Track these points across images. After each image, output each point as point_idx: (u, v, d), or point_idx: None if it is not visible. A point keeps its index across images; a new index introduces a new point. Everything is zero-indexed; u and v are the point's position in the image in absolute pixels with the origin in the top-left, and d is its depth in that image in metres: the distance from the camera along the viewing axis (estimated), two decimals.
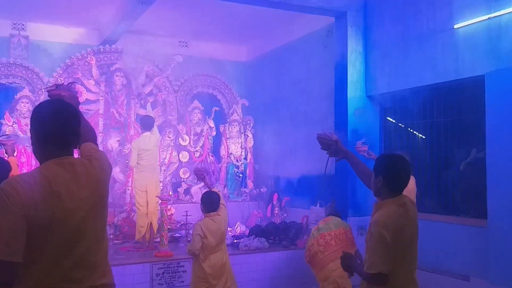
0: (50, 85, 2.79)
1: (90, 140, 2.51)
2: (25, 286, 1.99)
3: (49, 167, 2.10)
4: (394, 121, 7.58)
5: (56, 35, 9.01)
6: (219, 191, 5.30)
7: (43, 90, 8.15)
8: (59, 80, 8.55)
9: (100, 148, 8.50)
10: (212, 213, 4.79)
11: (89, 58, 8.88)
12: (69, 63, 8.82)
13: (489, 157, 5.70)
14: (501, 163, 5.52)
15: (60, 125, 2.15)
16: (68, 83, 2.78)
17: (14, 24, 8.87)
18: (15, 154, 6.15)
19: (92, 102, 8.90)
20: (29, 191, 1.96)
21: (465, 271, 6.07)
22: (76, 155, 2.28)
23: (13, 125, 8.08)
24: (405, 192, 4.82)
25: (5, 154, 5.77)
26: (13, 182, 1.97)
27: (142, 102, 9.28)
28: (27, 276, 1.99)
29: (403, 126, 7.43)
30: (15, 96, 8.34)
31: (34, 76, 8.62)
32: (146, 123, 7.61)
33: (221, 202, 5.02)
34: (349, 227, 5.31)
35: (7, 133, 8.15)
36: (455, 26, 6.14)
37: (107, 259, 2.26)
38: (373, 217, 2.89)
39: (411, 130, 7.29)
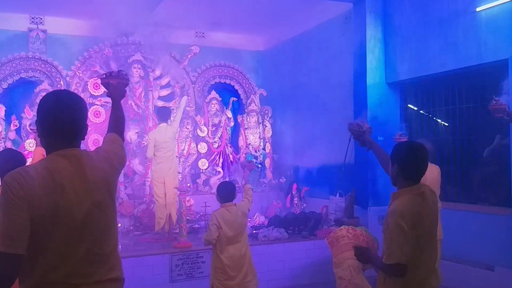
0: (103, 73, 2.80)
1: (116, 130, 2.51)
2: (31, 281, 1.97)
3: (53, 159, 2.07)
4: (415, 108, 7.47)
5: (73, 29, 9.06)
6: (252, 188, 5.25)
7: (95, 78, 8.26)
8: (77, 73, 8.63)
9: None
10: (227, 203, 4.77)
11: (106, 50, 8.92)
12: (87, 56, 8.87)
13: None
14: None
15: (63, 117, 2.10)
16: (119, 71, 2.77)
17: (32, 18, 8.94)
18: None
19: None
20: (32, 184, 1.93)
21: (489, 261, 5.99)
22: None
23: (33, 119, 8.16)
24: (428, 182, 4.75)
25: (34, 142, 5.84)
26: (16, 175, 1.94)
27: (160, 93, 9.30)
28: (34, 271, 1.97)
29: (424, 113, 7.31)
30: (35, 90, 8.43)
31: (53, 70, 8.70)
32: (163, 114, 7.63)
33: (245, 195, 5.03)
34: (377, 241, 5.40)
35: (27, 127, 8.28)
36: (477, 9, 6.01)
37: (116, 253, 2.23)
38: (390, 207, 2.83)
39: (433, 117, 7.17)
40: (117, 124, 2.58)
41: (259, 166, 9.89)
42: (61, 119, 2.10)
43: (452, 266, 6.12)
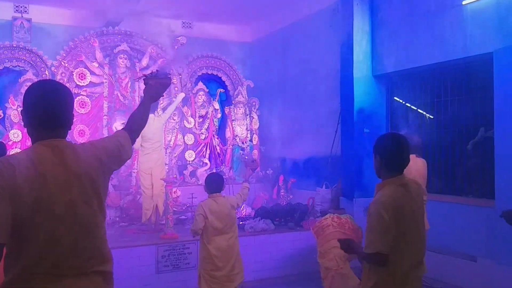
0: (145, 73, 2.75)
1: (130, 129, 2.47)
2: (16, 271, 1.95)
3: (36, 149, 2.05)
4: (401, 101, 7.52)
5: (59, 18, 8.96)
6: (248, 186, 5.25)
7: (135, 79, 8.18)
8: (62, 62, 8.54)
9: (105, 130, 8.60)
10: (215, 194, 4.78)
11: (92, 40, 8.84)
12: (72, 46, 8.78)
13: (497, 136, 5.67)
14: (509, 142, 5.48)
15: (48, 107, 2.09)
16: (161, 72, 2.73)
17: (17, 6, 8.82)
18: None
19: (96, 85, 8.88)
20: (13, 173, 1.91)
21: (472, 252, 6.08)
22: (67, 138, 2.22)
23: (18, 109, 8.08)
24: (413, 174, 4.80)
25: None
26: (5, 162, 1.93)
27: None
28: (18, 262, 1.95)
29: (410, 105, 7.37)
30: (19, 80, 8.34)
31: (38, 59, 8.60)
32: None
33: (240, 191, 5.05)
34: (361, 229, 5.46)
35: (12, 117, 8.19)
36: (464, 3, 6.06)
37: (105, 246, 2.20)
38: (374, 198, 2.87)
39: (419, 110, 7.23)
40: (134, 122, 2.51)
41: (246, 157, 9.90)
42: (46, 109, 2.08)
43: (435, 257, 6.20)
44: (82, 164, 2.11)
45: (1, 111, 8.28)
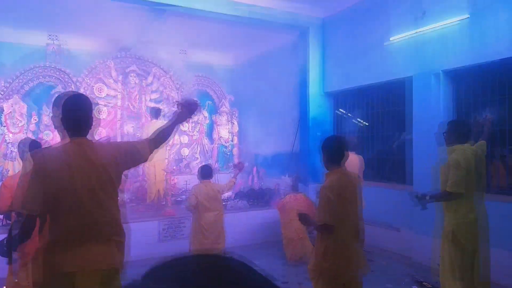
0: (177, 101, 2.57)
1: (153, 141, 2.34)
2: (50, 236, 1.98)
3: (65, 145, 2.06)
4: (344, 111, 7.61)
5: (83, 44, 8.76)
6: (235, 183, 5.26)
7: (175, 102, 7.97)
8: (85, 79, 8.35)
9: (118, 132, 8.45)
10: (205, 180, 4.77)
11: (108, 62, 8.67)
12: (93, 66, 8.59)
13: (415, 138, 5.79)
14: (424, 142, 5.60)
15: (78, 114, 2.10)
16: (190, 103, 2.53)
17: (50, 35, 8.59)
18: None
19: (112, 97, 8.72)
20: (44, 162, 1.94)
21: (397, 224, 6.19)
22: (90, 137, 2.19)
23: (49, 114, 7.86)
24: (353, 169, 4.88)
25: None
26: (41, 153, 1.96)
27: (150, 97, 9.14)
28: (56, 229, 1.98)
29: (350, 115, 7.46)
30: (51, 92, 8.11)
31: (65, 76, 8.38)
32: (155, 113, 7.51)
33: (227, 183, 5.03)
34: (314, 203, 5.46)
35: (44, 121, 7.97)
36: (391, 39, 6.16)
37: (119, 221, 2.19)
38: (323, 184, 2.93)
39: (357, 119, 7.33)
40: (158, 136, 2.39)
41: (228, 153, 9.89)
42: (77, 116, 2.10)
43: (369, 228, 6.28)
44: (99, 158, 2.10)
45: (37, 116, 8.05)
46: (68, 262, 1.96)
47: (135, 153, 2.28)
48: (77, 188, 1.98)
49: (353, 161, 5.29)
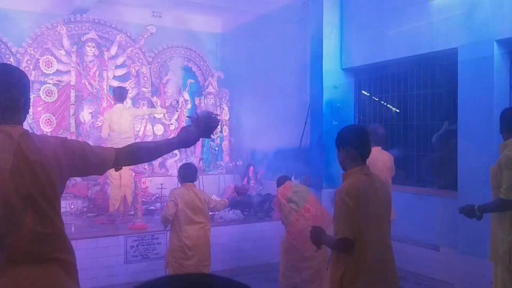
0: (192, 116, 2.46)
1: (123, 150, 2.28)
2: None
3: None
4: (368, 94, 7.61)
5: (25, 4, 8.68)
6: (226, 203, 5.45)
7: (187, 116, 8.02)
8: (28, 50, 8.30)
9: (72, 120, 8.43)
10: (188, 183, 4.77)
11: (59, 28, 8.63)
12: (38, 33, 8.55)
13: (461, 129, 5.79)
14: (471, 135, 5.61)
15: (1, 92, 2.02)
16: (202, 113, 2.44)
17: None
18: None
19: (63, 73, 8.68)
20: None
21: (435, 241, 6.21)
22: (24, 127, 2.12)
23: None
24: (380, 169, 4.88)
25: None
26: None
27: (114, 73, 9.11)
28: None
29: (377, 99, 7.47)
30: None
31: (2, 46, 8.34)
32: (119, 95, 7.48)
33: (217, 201, 5.17)
34: (310, 190, 5.35)
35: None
36: None
37: (64, 235, 2.14)
38: (339, 187, 2.93)
39: (385, 103, 7.33)
40: (139, 151, 2.31)
41: (216, 148, 9.89)
42: (7, 92, 2.02)
43: (399, 246, 6.32)
44: (36, 153, 2.02)
45: None
46: None
47: (89, 157, 2.18)
48: (7, 192, 1.92)
49: (380, 158, 5.29)
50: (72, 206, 7.62)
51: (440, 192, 6.31)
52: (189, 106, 9.92)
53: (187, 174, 4.83)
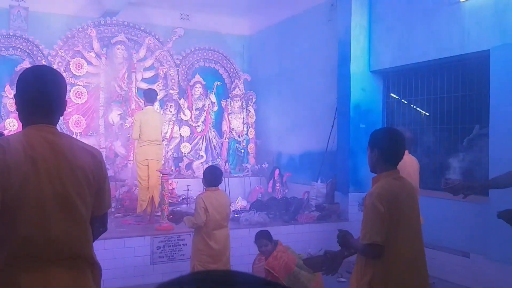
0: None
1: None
2: (2, 256, 1.92)
3: (27, 133, 2.02)
4: (397, 97, 7.53)
5: (56, 7, 8.89)
6: (220, 166, 5.29)
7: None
8: (59, 52, 8.49)
9: (101, 121, 8.58)
10: (213, 187, 4.78)
11: (89, 30, 8.80)
12: (69, 35, 8.74)
13: (492, 133, 5.68)
14: (503, 139, 5.50)
15: (40, 91, 2.06)
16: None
17: None
18: None
19: (92, 75, 8.85)
20: (3, 155, 1.88)
21: (465, 248, 6.10)
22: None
23: (14, 98, 8.04)
24: (410, 171, 4.81)
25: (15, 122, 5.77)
26: None
27: (143, 75, 9.26)
28: (5, 245, 1.92)
29: (406, 102, 7.37)
30: (16, 68, 8.29)
31: (34, 48, 8.55)
32: (150, 97, 7.58)
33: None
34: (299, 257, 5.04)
35: (8, 106, 8.15)
36: (461, 0, 6.04)
37: (91, 240, 2.15)
38: (369, 190, 2.90)
39: (415, 107, 7.24)
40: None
41: (242, 151, 9.93)
42: (37, 93, 2.06)
43: (429, 253, 6.21)
44: (77, 156, 2.06)
45: None
46: None
47: (105, 191, 2.23)
48: (43, 191, 1.94)
49: (408, 163, 5.22)
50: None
51: (470, 197, 6.17)
52: (215, 108, 9.99)
53: (213, 178, 4.82)
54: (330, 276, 3.27)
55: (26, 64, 8.28)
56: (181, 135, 9.53)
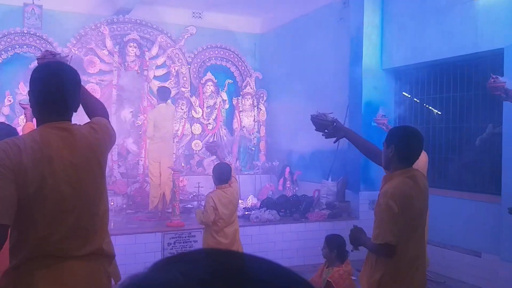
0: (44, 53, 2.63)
1: (101, 115, 2.40)
2: (22, 254, 1.94)
3: (43, 131, 2.02)
4: (409, 95, 7.47)
5: (69, 5, 8.94)
6: (230, 163, 5.28)
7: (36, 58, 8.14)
8: (73, 50, 8.55)
9: (114, 119, 8.63)
10: (223, 185, 4.78)
11: (102, 28, 8.84)
12: (82, 33, 8.79)
13: (506, 132, 5.63)
14: None
15: (55, 88, 2.06)
16: (65, 55, 2.62)
17: None
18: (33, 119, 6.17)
19: (106, 72, 8.90)
20: (19, 154, 1.88)
21: (476, 247, 6.06)
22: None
23: (27, 95, 8.10)
24: (421, 166, 4.77)
25: (24, 118, 5.84)
26: (3, 146, 1.89)
27: (155, 73, 9.29)
28: (24, 244, 1.94)
29: (418, 101, 7.32)
30: (29, 66, 8.34)
31: (48, 46, 8.59)
32: (163, 94, 7.61)
33: (232, 174, 5.01)
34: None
35: (21, 103, 8.22)
36: None
37: (104, 228, 2.17)
38: (382, 189, 2.86)
39: (427, 105, 7.18)
40: (97, 110, 2.45)
41: (253, 148, 9.92)
42: (52, 90, 2.06)
43: (440, 252, 6.20)
44: (87, 145, 2.08)
45: (11, 96, 8.31)
46: (47, 286, 1.94)
47: (112, 130, 2.33)
48: (60, 188, 1.96)
49: (420, 160, 5.19)
50: (112, 203, 7.78)
51: (482, 196, 6.15)
52: (226, 106, 10.00)
53: (222, 176, 4.82)
54: None
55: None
56: (192, 133, 9.55)
